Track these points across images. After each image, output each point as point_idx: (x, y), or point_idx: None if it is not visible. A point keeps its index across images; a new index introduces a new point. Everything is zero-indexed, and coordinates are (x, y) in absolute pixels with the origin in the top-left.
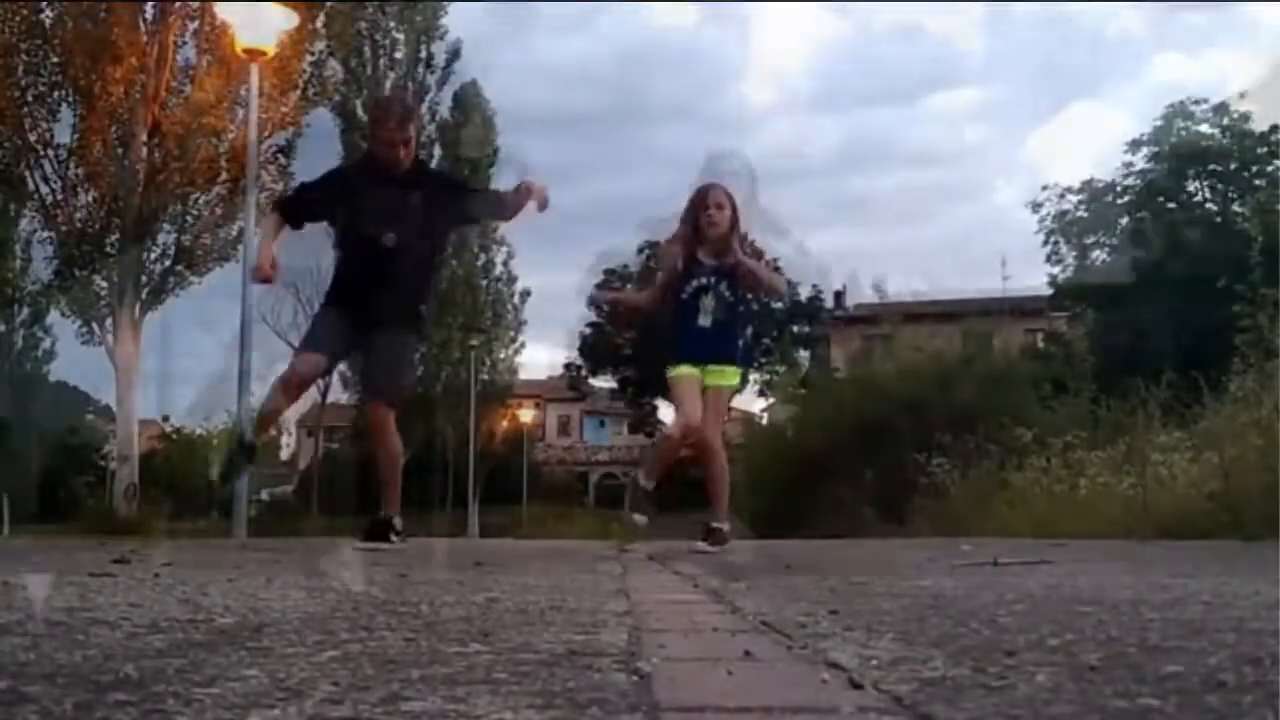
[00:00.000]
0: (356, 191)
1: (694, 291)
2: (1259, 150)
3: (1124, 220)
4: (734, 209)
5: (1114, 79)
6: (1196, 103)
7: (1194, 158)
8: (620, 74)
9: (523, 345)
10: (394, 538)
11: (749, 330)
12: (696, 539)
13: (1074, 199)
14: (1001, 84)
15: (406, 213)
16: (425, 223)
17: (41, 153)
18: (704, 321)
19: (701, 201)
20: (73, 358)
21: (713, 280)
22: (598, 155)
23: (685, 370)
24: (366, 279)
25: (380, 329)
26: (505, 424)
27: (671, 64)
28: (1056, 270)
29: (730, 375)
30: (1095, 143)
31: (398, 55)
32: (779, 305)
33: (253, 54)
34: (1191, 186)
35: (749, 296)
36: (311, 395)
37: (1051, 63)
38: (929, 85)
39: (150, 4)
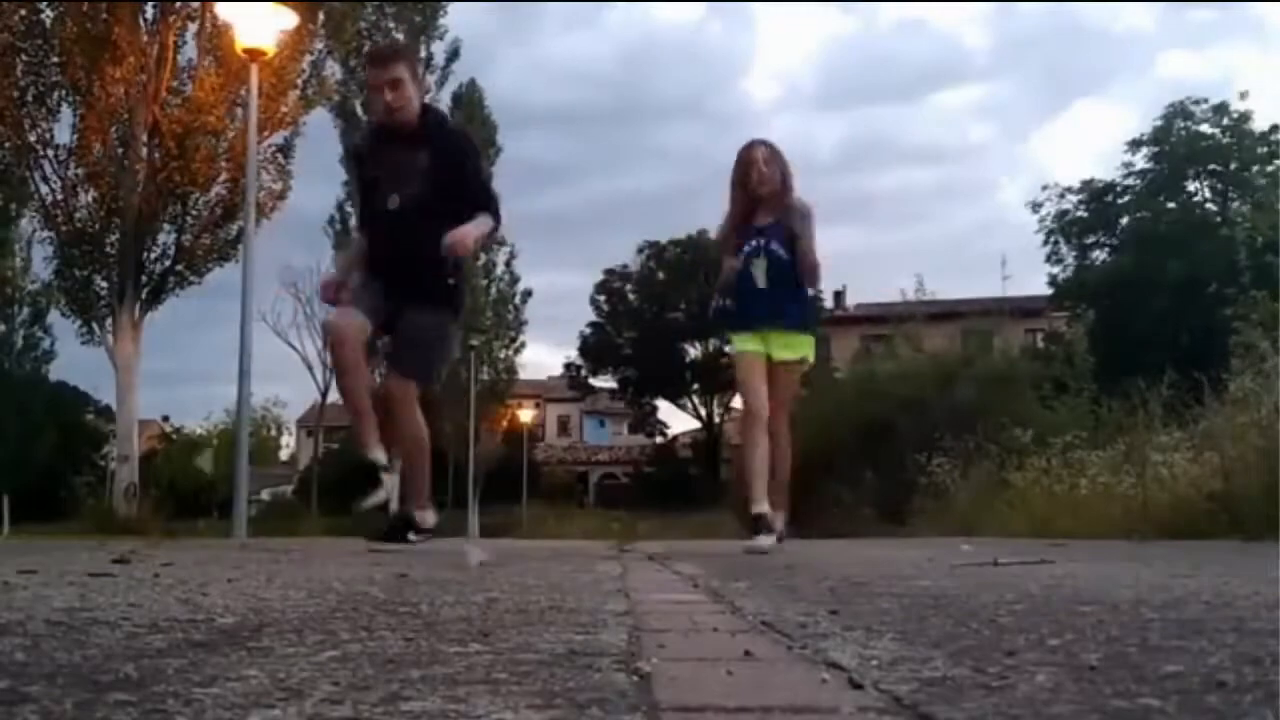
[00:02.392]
0: (369, 155)
1: (745, 258)
2: (1259, 150)
3: (1124, 220)
4: (783, 163)
5: (1121, 76)
6: (1196, 103)
7: (1194, 158)
8: (622, 71)
9: (523, 345)
10: (412, 536)
11: (804, 290)
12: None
13: (1074, 199)
14: (1007, 81)
15: (417, 168)
16: (441, 182)
17: (41, 153)
18: (760, 284)
19: (748, 158)
20: (73, 358)
21: (762, 242)
22: (599, 153)
23: (748, 345)
24: (389, 249)
25: (407, 305)
26: (505, 424)
27: (674, 61)
28: (1056, 270)
29: (799, 345)
30: (1102, 141)
31: None
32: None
33: (253, 54)
34: (1191, 186)
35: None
36: (312, 394)
37: (1058, 60)
38: (933, 82)
39: (150, 4)
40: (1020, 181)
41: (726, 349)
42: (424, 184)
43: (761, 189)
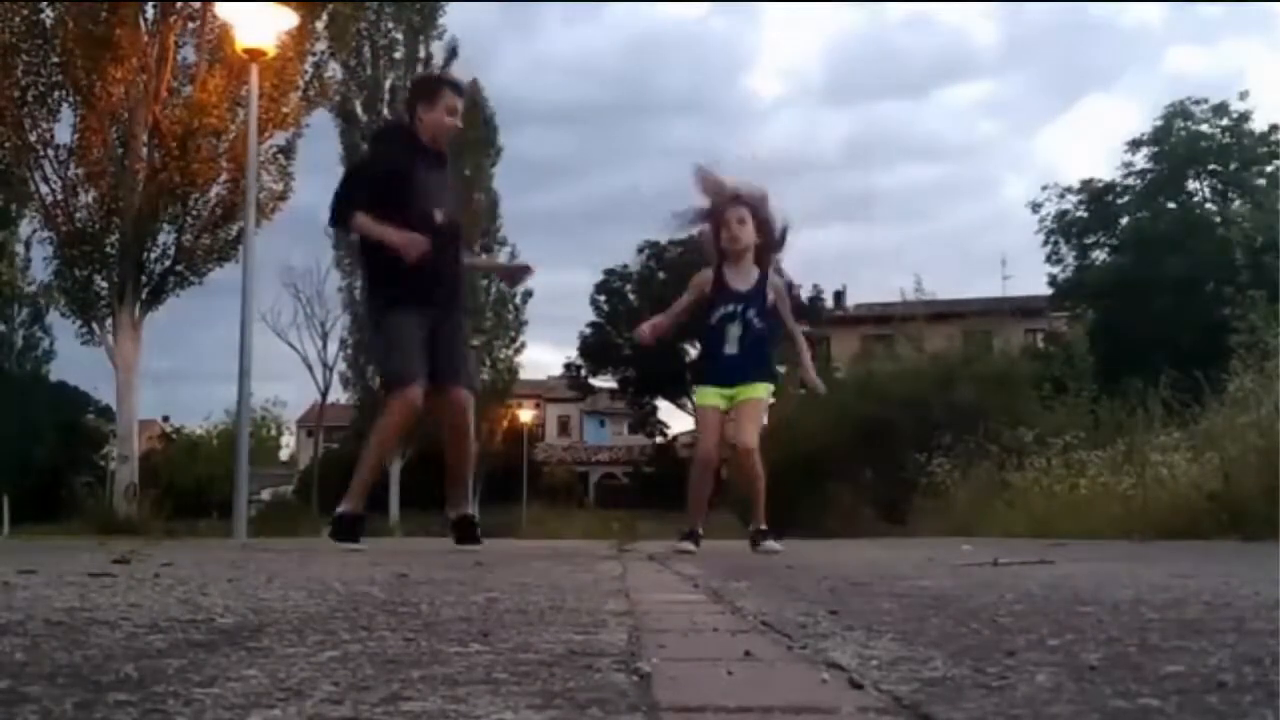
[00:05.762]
0: (410, 169)
1: (720, 320)
2: (1259, 150)
3: (1124, 220)
4: (758, 219)
5: (1130, 72)
6: (1196, 103)
7: (1194, 158)
8: (625, 66)
9: (523, 345)
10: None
11: (774, 350)
12: (761, 542)
13: (1074, 199)
14: (1014, 77)
15: (446, 190)
16: (457, 199)
17: (41, 153)
18: (730, 349)
19: (720, 219)
20: (73, 358)
21: (739, 308)
22: (600, 150)
23: (710, 400)
24: (431, 261)
25: (448, 312)
26: (505, 424)
27: (677, 56)
28: (1056, 270)
29: (759, 390)
30: (1110, 137)
31: (396, 56)
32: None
33: (253, 54)
34: (1191, 186)
35: (769, 317)
36: (311, 394)
37: (1066, 55)
38: (940, 78)
39: (151, 4)
40: (1028, 178)
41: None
42: (453, 201)
43: (734, 246)
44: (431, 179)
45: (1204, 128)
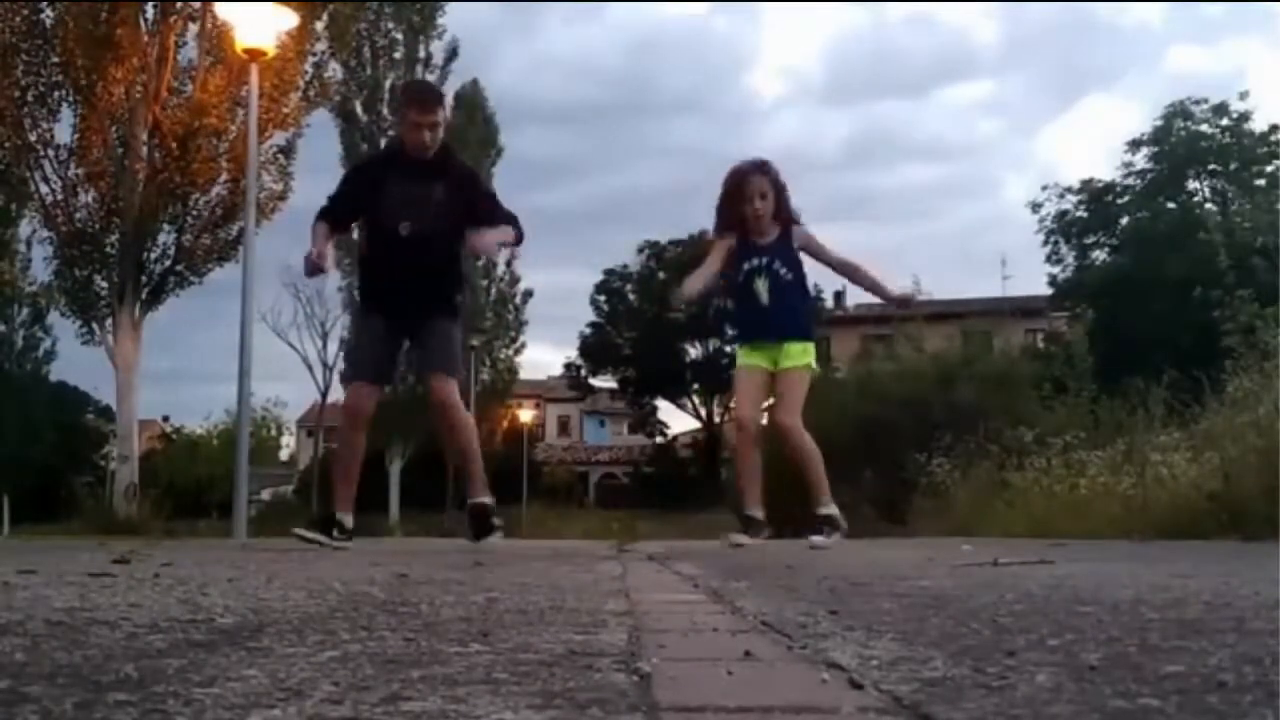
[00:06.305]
0: (381, 182)
1: (748, 275)
2: (1259, 150)
3: (1124, 220)
4: (777, 189)
5: (1131, 72)
6: (1196, 103)
7: (1194, 158)
8: (625, 66)
9: (523, 345)
10: (496, 520)
11: (808, 302)
12: (808, 534)
13: (1074, 199)
14: (1015, 76)
15: (431, 200)
16: (449, 211)
17: (41, 153)
18: (763, 301)
19: (740, 194)
20: (73, 358)
21: (764, 261)
22: (601, 149)
23: (750, 360)
24: (396, 270)
25: (420, 319)
26: (505, 424)
27: (678, 55)
28: (1056, 270)
29: (799, 354)
30: (1112, 137)
31: (396, 56)
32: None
33: (253, 54)
34: (1191, 186)
35: (802, 268)
36: (311, 394)
37: (1067, 55)
38: (941, 77)
39: (151, 4)
40: (1028, 178)
41: (728, 349)
42: (436, 214)
43: (759, 221)
44: (405, 191)
45: (1204, 128)
